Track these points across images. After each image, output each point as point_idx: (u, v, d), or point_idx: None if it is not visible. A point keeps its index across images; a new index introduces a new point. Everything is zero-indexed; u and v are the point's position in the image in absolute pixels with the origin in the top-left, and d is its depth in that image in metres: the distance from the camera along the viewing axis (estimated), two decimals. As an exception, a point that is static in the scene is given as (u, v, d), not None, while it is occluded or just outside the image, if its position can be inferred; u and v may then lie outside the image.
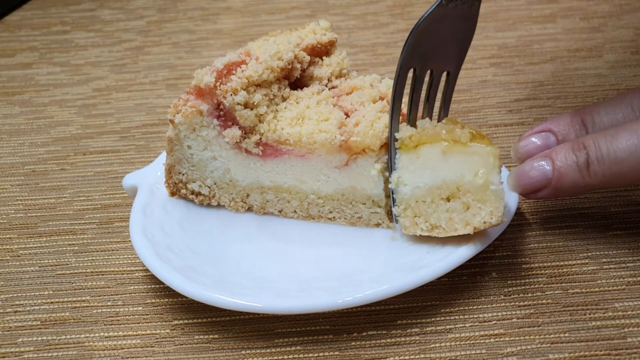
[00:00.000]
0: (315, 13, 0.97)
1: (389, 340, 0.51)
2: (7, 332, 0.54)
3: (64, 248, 0.62)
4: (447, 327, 0.52)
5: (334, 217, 0.60)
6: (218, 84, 0.56)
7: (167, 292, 0.56)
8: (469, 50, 0.56)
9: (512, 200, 0.56)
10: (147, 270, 0.56)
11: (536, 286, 0.54)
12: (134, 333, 0.53)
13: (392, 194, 0.55)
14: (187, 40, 0.93)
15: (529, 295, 0.53)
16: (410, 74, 0.54)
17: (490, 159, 0.51)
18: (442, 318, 0.52)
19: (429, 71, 0.55)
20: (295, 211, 0.60)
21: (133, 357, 0.51)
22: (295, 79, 0.60)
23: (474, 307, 0.53)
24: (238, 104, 0.56)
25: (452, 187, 0.52)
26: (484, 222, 0.51)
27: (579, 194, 0.61)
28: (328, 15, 0.96)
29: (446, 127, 0.52)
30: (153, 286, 0.57)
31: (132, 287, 0.57)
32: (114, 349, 0.52)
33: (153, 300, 0.56)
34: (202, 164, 0.60)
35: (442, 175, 0.52)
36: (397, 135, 0.54)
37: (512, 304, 0.53)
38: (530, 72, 0.80)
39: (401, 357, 0.50)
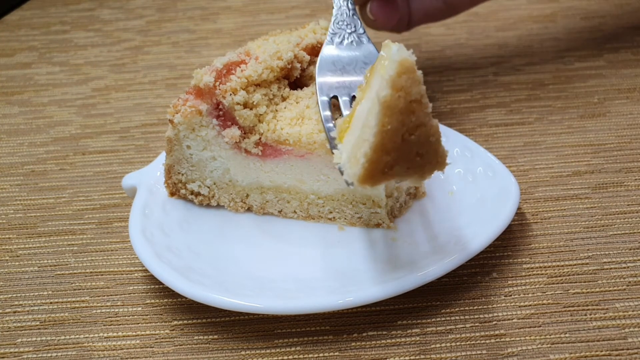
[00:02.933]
0: (315, 13, 0.97)
1: (389, 340, 0.51)
2: (7, 333, 0.54)
3: (63, 248, 0.61)
4: (448, 327, 0.52)
5: (334, 217, 0.60)
6: (217, 83, 0.56)
7: (166, 292, 0.56)
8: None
9: (512, 201, 0.56)
10: (146, 270, 0.56)
11: (536, 286, 0.54)
12: (133, 333, 0.53)
13: (340, 169, 0.53)
14: (186, 40, 0.93)
15: (530, 295, 0.53)
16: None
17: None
18: (443, 318, 0.52)
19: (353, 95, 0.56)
20: (295, 211, 0.60)
21: (132, 358, 0.51)
22: (295, 79, 0.60)
23: (475, 308, 0.53)
24: (237, 103, 0.56)
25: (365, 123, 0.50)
26: None
27: None
28: (328, 15, 0.95)
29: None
30: (152, 286, 0.57)
31: (131, 288, 0.57)
32: (113, 350, 0.52)
33: (152, 301, 0.56)
34: (201, 164, 0.60)
35: (359, 129, 0.50)
36: (332, 134, 0.53)
37: (512, 304, 0.53)
38: (530, 72, 0.80)
39: (401, 358, 0.50)
